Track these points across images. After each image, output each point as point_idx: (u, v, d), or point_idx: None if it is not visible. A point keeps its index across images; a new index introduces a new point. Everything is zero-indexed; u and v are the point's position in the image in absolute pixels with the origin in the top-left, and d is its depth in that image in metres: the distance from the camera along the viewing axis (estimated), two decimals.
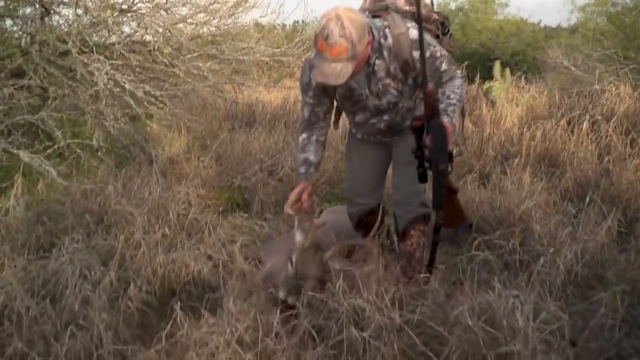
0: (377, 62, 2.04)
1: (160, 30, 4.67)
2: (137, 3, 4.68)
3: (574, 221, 2.80)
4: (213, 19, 4.90)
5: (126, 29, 4.82)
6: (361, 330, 1.85)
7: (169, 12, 4.89)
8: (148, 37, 4.81)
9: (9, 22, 4.37)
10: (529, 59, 9.81)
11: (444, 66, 2.06)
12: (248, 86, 5.44)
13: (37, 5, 4.31)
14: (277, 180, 3.86)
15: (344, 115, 2.42)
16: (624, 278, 2.36)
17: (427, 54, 1.95)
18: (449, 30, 2.31)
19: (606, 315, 1.98)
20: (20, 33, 4.44)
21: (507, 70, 6.53)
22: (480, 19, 10.82)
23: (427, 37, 2.00)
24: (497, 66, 6.36)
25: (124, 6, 4.62)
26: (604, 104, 5.36)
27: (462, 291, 2.06)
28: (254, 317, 1.89)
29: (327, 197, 3.80)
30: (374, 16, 2.10)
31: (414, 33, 2.00)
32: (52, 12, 4.33)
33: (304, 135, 2.24)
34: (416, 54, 1.98)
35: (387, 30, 2.02)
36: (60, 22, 4.67)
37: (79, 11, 4.07)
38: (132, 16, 4.68)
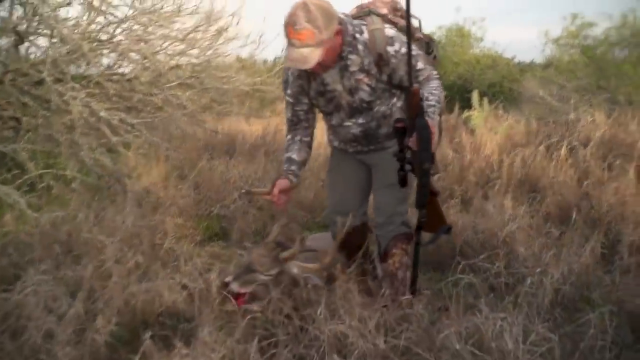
0: (350, 56, 2.07)
1: (139, 59, 4.63)
2: (116, 35, 4.64)
3: (558, 243, 2.77)
4: (192, 49, 4.87)
5: (105, 60, 4.77)
6: (344, 357, 1.77)
7: (148, 43, 4.86)
8: (126, 70, 4.76)
9: None
10: (505, 90, 10.02)
11: (420, 64, 2.09)
12: (227, 114, 5.40)
13: (12, 35, 4.24)
14: (256, 208, 3.78)
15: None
16: (610, 299, 2.32)
17: (399, 47, 2.02)
18: (432, 51, 2.32)
19: (595, 337, 1.92)
20: None
21: (485, 100, 6.63)
22: (457, 52, 11.07)
23: (401, 35, 2.04)
24: (475, 95, 6.46)
25: (102, 36, 4.57)
26: (580, 130, 5.45)
27: (448, 315, 1.99)
28: (230, 346, 1.78)
29: (307, 224, 3.73)
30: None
31: (390, 31, 2.07)
32: (26, 40, 4.25)
33: (288, 137, 2.31)
34: (390, 49, 2.04)
35: (363, 26, 2.08)
36: (37, 53, 4.61)
37: (55, 39, 4.01)
38: (110, 47, 4.63)
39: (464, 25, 11.87)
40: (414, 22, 2.29)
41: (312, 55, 1.90)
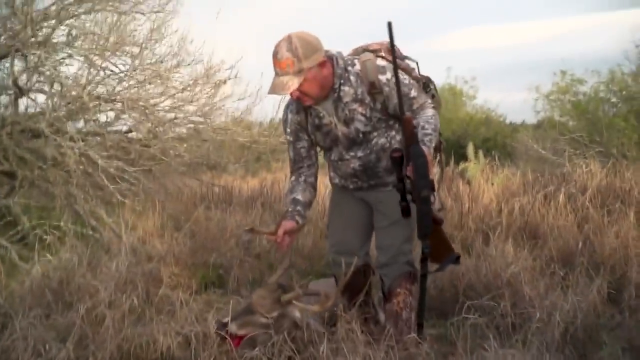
0: (343, 88, 2.13)
1: (137, 115, 4.67)
2: (116, 91, 4.70)
3: (563, 283, 2.70)
4: (191, 102, 4.94)
5: (103, 118, 4.80)
6: None
7: (147, 99, 4.92)
8: (124, 127, 4.80)
9: None
10: (500, 144, 10.16)
11: (413, 93, 2.13)
12: (224, 169, 5.40)
13: (12, 90, 4.29)
14: (253, 257, 3.71)
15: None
16: (620, 338, 2.23)
17: (391, 76, 2.05)
18: (430, 90, 2.35)
19: None
20: None
21: (480, 152, 6.69)
22: (450, 109, 11.31)
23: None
24: (470, 147, 6.52)
25: (101, 92, 4.61)
26: (576, 180, 5.46)
27: (455, 354, 1.91)
28: None
29: (306, 272, 3.65)
30: None
31: (381, 61, 2.13)
32: (26, 95, 4.31)
33: (292, 178, 2.32)
34: (382, 77, 2.10)
35: (355, 60, 2.16)
36: (36, 108, 4.64)
37: (55, 89, 4.06)
38: (110, 105, 4.67)
39: (455, 84, 12.22)
40: (412, 64, 2.34)
41: (290, 83, 1.99)
